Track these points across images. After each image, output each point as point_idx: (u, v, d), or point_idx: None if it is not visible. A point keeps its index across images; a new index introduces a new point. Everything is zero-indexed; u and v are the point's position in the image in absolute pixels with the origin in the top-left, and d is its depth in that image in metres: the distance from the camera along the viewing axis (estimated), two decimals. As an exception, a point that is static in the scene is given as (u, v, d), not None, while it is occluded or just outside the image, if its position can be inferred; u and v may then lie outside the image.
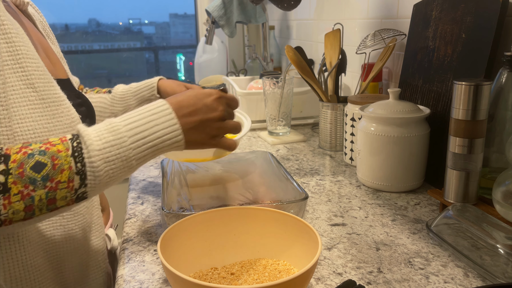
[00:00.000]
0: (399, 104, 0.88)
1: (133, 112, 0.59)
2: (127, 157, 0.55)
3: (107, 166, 0.53)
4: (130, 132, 0.56)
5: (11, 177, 0.48)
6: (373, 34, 1.10)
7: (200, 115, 0.62)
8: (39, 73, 0.61)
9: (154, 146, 0.58)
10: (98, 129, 0.55)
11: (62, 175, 0.51)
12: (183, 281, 0.49)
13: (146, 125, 0.57)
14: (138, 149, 0.56)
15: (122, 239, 0.75)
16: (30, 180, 0.49)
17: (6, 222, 0.49)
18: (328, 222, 0.78)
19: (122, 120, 0.57)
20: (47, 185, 0.50)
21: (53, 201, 0.51)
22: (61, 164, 0.51)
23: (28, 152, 0.50)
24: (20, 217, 0.49)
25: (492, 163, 0.79)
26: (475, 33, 0.83)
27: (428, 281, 0.60)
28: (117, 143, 0.54)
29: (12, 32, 0.59)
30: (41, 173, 0.50)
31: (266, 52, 2.04)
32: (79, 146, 0.53)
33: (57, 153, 0.51)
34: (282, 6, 1.35)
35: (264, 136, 1.31)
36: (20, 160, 0.49)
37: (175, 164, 0.94)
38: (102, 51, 3.30)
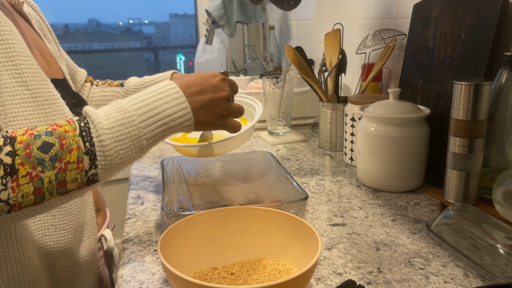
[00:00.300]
0: (399, 104, 0.88)
1: (141, 93, 0.57)
2: (137, 136, 0.53)
3: (117, 146, 0.52)
4: (139, 111, 0.54)
5: (18, 158, 0.46)
6: (373, 34, 1.10)
7: (208, 94, 0.62)
8: (32, 71, 0.60)
9: (165, 124, 0.57)
10: (106, 109, 0.54)
11: (71, 155, 0.49)
12: (183, 281, 0.49)
13: (154, 103, 0.56)
14: (148, 127, 0.55)
15: (122, 239, 0.75)
16: (38, 161, 0.47)
17: (16, 207, 0.47)
18: (328, 222, 0.78)
19: (130, 100, 0.56)
20: (56, 165, 0.48)
21: (63, 183, 0.49)
22: (69, 144, 0.49)
23: (34, 133, 0.49)
24: (30, 201, 0.47)
25: (492, 163, 0.79)
26: (475, 33, 0.83)
27: (428, 281, 0.60)
28: (126, 122, 0.53)
29: (6, 29, 0.58)
30: (49, 153, 0.48)
31: (266, 52, 2.04)
32: (87, 126, 0.51)
33: (64, 133, 0.50)
34: (282, 6, 1.35)
35: (264, 136, 1.31)
36: (26, 141, 0.48)
37: (175, 164, 0.94)
38: (102, 51, 3.30)
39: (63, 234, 0.66)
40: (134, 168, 1.08)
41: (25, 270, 0.60)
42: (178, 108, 0.58)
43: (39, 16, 0.81)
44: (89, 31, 3.24)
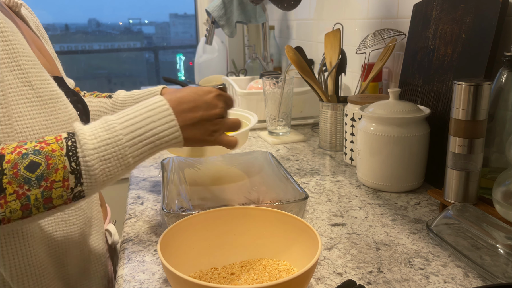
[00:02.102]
0: (399, 104, 0.88)
1: (130, 109, 0.58)
2: (123, 155, 0.55)
3: (103, 165, 0.53)
4: (126, 129, 0.55)
5: (6, 178, 0.49)
6: (373, 34, 1.10)
7: (200, 111, 0.61)
8: (36, 71, 0.61)
9: (151, 143, 0.57)
10: (93, 127, 0.55)
11: (57, 175, 0.51)
12: (183, 281, 0.49)
13: (142, 122, 0.56)
14: (134, 146, 0.55)
15: (122, 239, 0.75)
16: (24, 180, 0.49)
17: (5, 221, 0.49)
18: (328, 222, 0.78)
19: (118, 117, 0.56)
20: (42, 184, 0.50)
21: (49, 199, 0.51)
22: (55, 164, 0.51)
23: (22, 152, 0.51)
24: (18, 216, 0.50)
25: (492, 163, 0.79)
26: (475, 33, 0.83)
27: (428, 281, 0.60)
28: (112, 141, 0.54)
29: (8, 30, 0.59)
30: (36, 173, 0.50)
31: (266, 52, 2.04)
32: (74, 145, 0.53)
33: (51, 153, 0.51)
34: (282, 6, 1.35)
35: (264, 136, 1.31)
36: (14, 160, 0.50)
37: (175, 164, 0.94)
38: (102, 51, 3.30)
39: (73, 229, 0.67)
40: (134, 168, 1.08)
41: (31, 266, 0.61)
42: (165, 126, 0.58)
43: (35, 18, 0.82)
44: (89, 31, 3.24)
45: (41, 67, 0.63)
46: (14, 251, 0.59)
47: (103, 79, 3.50)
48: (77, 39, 3.28)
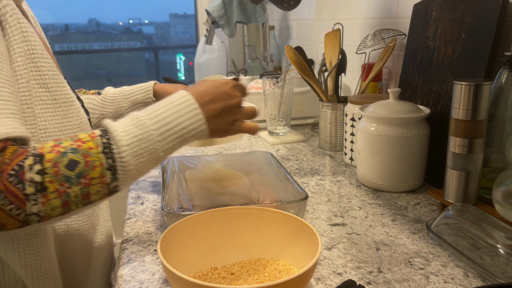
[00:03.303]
0: (399, 104, 0.88)
1: (157, 105, 0.60)
2: (154, 149, 0.56)
3: (136, 160, 0.55)
4: (156, 125, 0.57)
5: (48, 176, 0.50)
6: (373, 34, 1.10)
7: (221, 102, 0.63)
8: (52, 73, 0.62)
9: (181, 137, 0.59)
10: (124, 124, 0.56)
11: (95, 172, 0.52)
12: (183, 281, 0.49)
13: (171, 117, 0.58)
14: (165, 141, 0.57)
15: (122, 239, 0.75)
16: (65, 178, 0.51)
17: (45, 218, 0.51)
18: (328, 222, 0.78)
19: (148, 113, 0.58)
20: (81, 181, 0.52)
21: (88, 196, 0.53)
22: (93, 161, 0.52)
23: (61, 151, 0.52)
24: (58, 212, 0.51)
25: (492, 163, 0.79)
26: (475, 33, 0.83)
27: (428, 281, 0.60)
28: (144, 137, 0.56)
29: (28, 31, 0.59)
30: (75, 171, 0.51)
31: (266, 52, 2.04)
32: (109, 142, 0.54)
33: (88, 150, 0.53)
34: (282, 6, 1.35)
35: (264, 136, 1.31)
36: (54, 160, 0.51)
37: (175, 164, 0.94)
38: (102, 51, 3.30)
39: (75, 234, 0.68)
40: (134, 168, 1.08)
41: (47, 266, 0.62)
42: (193, 120, 0.60)
43: (32, 13, 0.80)
44: (89, 31, 3.24)
45: (57, 70, 0.63)
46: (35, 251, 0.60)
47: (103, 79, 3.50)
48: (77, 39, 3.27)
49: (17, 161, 0.50)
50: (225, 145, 1.25)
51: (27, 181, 0.49)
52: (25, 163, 0.50)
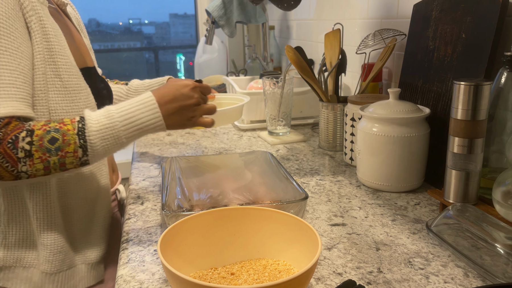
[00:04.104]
0: (399, 104, 0.88)
1: (127, 102, 0.74)
2: (118, 136, 0.72)
3: (103, 142, 0.71)
4: (121, 118, 0.72)
5: (34, 147, 0.67)
6: (373, 34, 1.10)
7: (178, 102, 0.77)
8: (66, 67, 0.78)
9: (140, 129, 0.73)
10: (98, 114, 0.72)
11: (70, 147, 0.69)
12: (183, 281, 0.49)
13: (134, 113, 0.73)
14: (127, 131, 0.72)
15: (122, 239, 0.75)
16: (47, 150, 0.68)
17: (32, 176, 0.69)
18: (328, 222, 0.78)
19: (117, 108, 0.73)
20: (58, 153, 0.69)
21: (63, 164, 0.70)
22: (68, 140, 0.69)
23: (46, 129, 0.69)
24: (41, 173, 0.69)
25: (492, 163, 0.79)
26: (475, 33, 0.83)
27: (428, 281, 0.60)
28: (110, 126, 0.71)
29: (51, 33, 0.76)
30: (55, 145, 0.68)
31: (266, 52, 2.04)
32: (83, 127, 0.70)
33: (67, 131, 0.69)
34: (282, 6, 1.35)
35: (264, 136, 1.31)
36: (40, 135, 0.68)
37: (175, 163, 0.94)
38: (102, 51, 3.29)
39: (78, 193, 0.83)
40: (134, 168, 1.08)
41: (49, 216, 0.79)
42: (151, 116, 0.74)
43: (77, 15, 1.00)
44: (89, 31, 3.24)
45: (72, 64, 0.80)
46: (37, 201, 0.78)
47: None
48: (77, 39, 3.27)
49: (15, 132, 0.67)
50: (225, 145, 1.25)
51: (20, 148, 0.67)
52: (20, 135, 0.67)
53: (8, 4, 0.70)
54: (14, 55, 0.70)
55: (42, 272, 0.80)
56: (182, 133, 1.40)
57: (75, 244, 0.84)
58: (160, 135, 1.38)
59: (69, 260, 0.82)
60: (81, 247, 0.85)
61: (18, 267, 0.81)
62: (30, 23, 0.74)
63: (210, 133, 1.39)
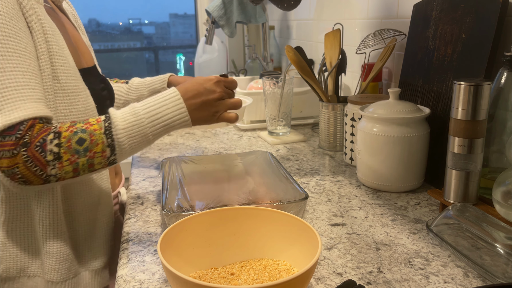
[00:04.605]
0: (399, 104, 0.88)
1: (151, 99, 0.73)
2: (145, 133, 0.70)
3: (130, 141, 0.69)
4: (147, 114, 0.71)
5: (63, 149, 0.66)
6: (373, 34, 1.10)
7: (202, 97, 0.75)
8: (64, 68, 0.75)
9: (167, 125, 0.72)
10: (124, 112, 0.71)
11: (98, 147, 0.68)
12: (183, 281, 0.49)
13: (160, 109, 0.72)
14: (154, 127, 0.71)
15: (122, 239, 0.75)
16: (75, 151, 0.67)
17: (61, 179, 0.68)
18: (328, 222, 0.78)
19: (142, 105, 0.72)
20: (87, 154, 0.67)
21: (92, 165, 0.68)
22: (96, 140, 0.68)
23: (73, 131, 0.68)
24: (70, 176, 0.68)
25: (492, 163, 0.79)
26: (475, 33, 0.83)
27: (428, 281, 0.60)
28: (137, 123, 0.70)
29: (49, 33, 0.73)
30: (83, 146, 0.67)
31: (266, 52, 2.04)
32: (110, 126, 0.69)
33: (93, 131, 0.68)
34: (282, 6, 1.35)
35: (264, 136, 1.31)
36: (68, 137, 0.67)
37: (175, 164, 0.94)
38: (102, 51, 3.29)
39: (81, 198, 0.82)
40: (134, 168, 1.08)
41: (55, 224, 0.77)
42: (177, 112, 0.73)
43: (73, 11, 0.97)
44: (89, 31, 3.23)
45: (69, 65, 0.77)
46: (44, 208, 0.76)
47: (103, 79, 3.49)
48: (77, 39, 3.27)
49: (42, 135, 0.66)
50: (225, 145, 1.25)
51: (48, 151, 0.65)
52: (47, 137, 0.66)
53: (9, 4, 0.68)
54: (23, 55, 0.68)
55: (47, 281, 0.79)
56: (182, 133, 1.40)
57: (79, 251, 0.83)
58: (160, 135, 1.38)
59: (75, 268, 0.81)
60: (84, 253, 0.83)
61: (23, 277, 0.79)
62: (30, 23, 0.71)
63: (210, 133, 1.39)
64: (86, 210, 0.83)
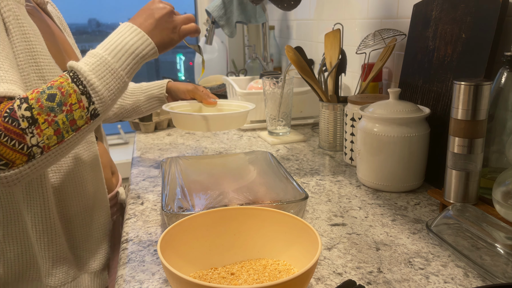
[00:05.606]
0: (399, 104, 0.88)
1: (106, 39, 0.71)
2: (114, 69, 0.67)
3: (102, 81, 0.65)
4: (107, 51, 0.68)
5: (35, 110, 0.60)
6: (373, 34, 1.10)
7: (153, 17, 0.74)
8: (50, 68, 0.73)
9: (132, 53, 0.69)
10: (83, 59, 0.67)
11: (72, 98, 0.63)
12: (183, 281, 0.49)
13: (117, 42, 0.69)
14: (120, 61, 0.68)
15: (122, 239, 0.75)
16: (49, 109, 0.61)
17: (46, 148, 0.61)
18: (328, 222, 0.78)
19: (100, 47, 0.69)
20: (63, 109, 0.62)
21: (74, 121, 0.63)
22: (67, 90, 0.63)
23: (39, 91, 0.62)
24: (54, 141, 0.62)
25: (492, 163, 0.79)
26: (475, 33, 0.83)
27: (428, 281, 0.60)
28: (101, 62, 0.66)
29: (30, 33, 0.71)
30: (55, 101, 0.62)
31: (266, 52, 2.04)
32: (75, 74, 0.65)
33: (61, 84, 0.63)
34: (282, 6, 1.35)
35: (264, 136, 1.31)
36: (36, 97, 0.61)
37: (175, 163, 0.94)
38: (102, 51, 3.30)
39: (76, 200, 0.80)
40: (134, 168, 1.08)
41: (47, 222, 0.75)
42: (136, 38, 0.70)
43: (58, 14, 0.96)
44: (89, 31, 3.23)
45: (55, 65, 0.75)
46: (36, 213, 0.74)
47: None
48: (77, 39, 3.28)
49: (8, 106, 0.60)
50: (225, 145, 1.25)
51: (20, 117, 0.59)
52: (14, 105, 0.60)
53: None
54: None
55: (46, 286, 0.78)
56: (182, 133, 1.40)
57: (77, 254, 0.82)
58: (160, 135, 1.38)
59: (73, 271, 0.80)
60: (82, 256, 0.83)
61: (22, 282, 0.78)
62: (7, 24, 0.68)
63: (210, 133, 1.39)
64: (81, 212, 0.82)
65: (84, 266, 0.83)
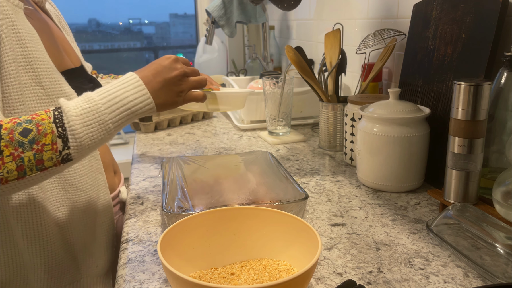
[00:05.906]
0: (399, 104, 0.88)
1: (107, 85, 0.67)
2: (103, 120, 0.63)
3: (86, 130, 0.61)
4: (104, 100, 0.64)
5: (3, 141, 0.57)
6: (373, 34, 1.10)
7: (162, 76, 0.70)
8: (47, 73, 0.70)
9: (128, 109, 0.66)
10: (76, 100, 0.64)
11: (46, 138, 0.59)
12: (183, 281, 0.49)
13: (117, 93, 0.65)
14: (112, 113, 0.64)
15: (122, 239, 0.75)
16: (19, 144, 0.57)
17: (3, 181, 0.57)
18: (328, 222, 0.78)
19: (96, 92, 0.65)
20: (33, 147, 0.58)
21: (41, 161, 0.59)
22: (44, 130, 0.59)
23: (17, 121, 0.59)
24: (14, 176, 0.57)
25: (492, 163, 0.79)
26: (475, 33, 0.83)
27: (428, 281, 0.60)
28: (92, 109, 0.62)
29: (26, 38, 0.68)
30: (28, 137, 0.58)
31: (266, 52, 2.04)
32: (60, 114, 0.61)
33: (41, 121, 0.59)
34: (282, 6, 1.35)
35: (264, 136, 1.31)
36: (10, 128, 0.58)
37: (175, 164, 0.94)
38: (102, 51, 3.29)
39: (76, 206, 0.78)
40: (134, 168, 1.08)
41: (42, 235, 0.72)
42: (138, 94, 0.67)
43: (57, 12, 0.93)
44: (89, 31, 3.24)
45: (53, 69, 0.72)
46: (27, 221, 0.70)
47: (104, 78, 3.49)
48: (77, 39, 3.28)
49: None
50: (225, 145, 1.25)
51: None
52: None
53: None
54: None
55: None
56: (182, 133, 1.40)
57: (77, 258, 0.80)
58: (160, 135, 1.38)
59: (71, 275, 0.78)
60: (83, 260, 0.80)
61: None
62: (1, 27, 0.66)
63: (210, 133, 1.39)
64: (83, 218, 0.80)
65: (85, 271, 0.81)
